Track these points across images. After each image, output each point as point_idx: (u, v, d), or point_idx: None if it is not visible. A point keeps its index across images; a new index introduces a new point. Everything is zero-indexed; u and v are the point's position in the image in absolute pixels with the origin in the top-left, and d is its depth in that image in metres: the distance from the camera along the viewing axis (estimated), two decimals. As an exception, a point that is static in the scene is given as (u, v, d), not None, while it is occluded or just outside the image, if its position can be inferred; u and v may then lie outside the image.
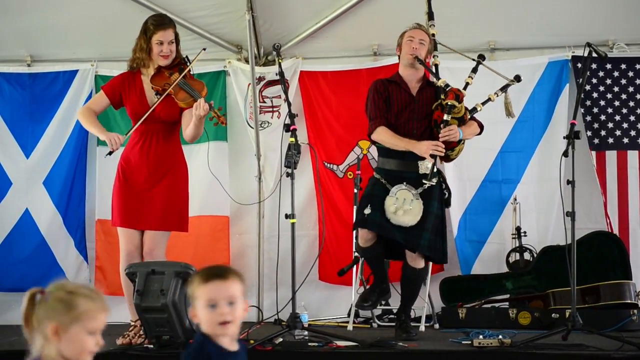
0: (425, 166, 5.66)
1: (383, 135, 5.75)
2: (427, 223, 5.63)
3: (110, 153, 5.63)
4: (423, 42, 5.85)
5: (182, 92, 5.59)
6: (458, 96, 5.65)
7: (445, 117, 5.62)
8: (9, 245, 7.40)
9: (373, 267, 5.98)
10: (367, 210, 5.66)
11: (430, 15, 6.37)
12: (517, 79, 5.85)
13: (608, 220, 6.94)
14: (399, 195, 5.61)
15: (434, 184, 5.63)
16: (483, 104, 5.85)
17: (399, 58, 5.95)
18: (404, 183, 5.65)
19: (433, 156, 5.59)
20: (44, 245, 7.40)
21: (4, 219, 7.44)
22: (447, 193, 5.82)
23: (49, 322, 2.51)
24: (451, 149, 5.74)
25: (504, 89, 5.85)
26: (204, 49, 6.02)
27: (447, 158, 5.88)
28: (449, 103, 5.61)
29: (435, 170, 5.63)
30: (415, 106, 5.81)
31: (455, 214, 7.06)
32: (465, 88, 6.11)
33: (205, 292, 2.77)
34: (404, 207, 5.59)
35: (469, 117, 5.84)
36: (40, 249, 7.39)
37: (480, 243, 7.17)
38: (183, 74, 5.66)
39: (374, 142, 5.91)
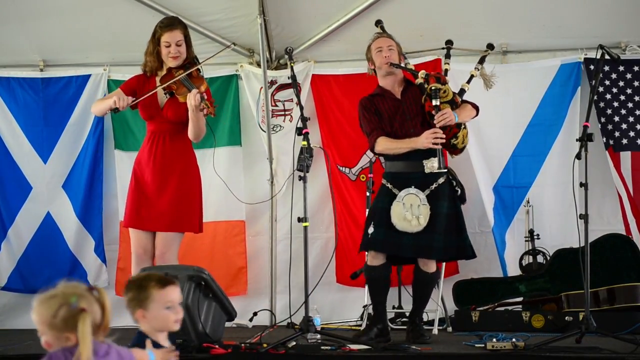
0: (430, 165, 5.64)
1: (384, 144, 5.73)
2: (437, 225, 5.60)
3: (115, 110, 5.67)
4: (391, 47, 5.86)
5: (183, 87, 5.61)
6: (439, 78, 5.67)
7: (434, 102, 5.61)
8: (33, 249, 7.46)
9: (375, 293, 5.79)
10: (371, 229, 5.66)
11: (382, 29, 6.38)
12: (490, 47, 5.83)
13: (633, 220, 6.93)
14: (405, 200, 5.59)
15: (444, 170, 5.62)
16: (468, 82, 5.96)
17: (375, 72, 5.95)
18: (412, 187, 5.62)
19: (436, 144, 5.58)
20: (66, 249, 7.45)
21: (27, 223, 7.50)
22: (459, 190, 5.80)
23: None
24: (454, 136, 5.72)
25: (481, 61, 5.84)
26: (233, 44, 6.05)
27: (454, 148, 5.86)
28: (432, 88, 5.62)
29: (442, 159, 5.62)
30: (404, 107, 5.79)
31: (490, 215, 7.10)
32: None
33: (164, 295, 3.26)
34: (411, 212, 5.57)
35: (460, 100, 5.85)
36: (62, 252, 7.45)
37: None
38: (188, 71, 5.67)
39: (379, 155, 5.90)
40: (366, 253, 5.85)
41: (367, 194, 6.94)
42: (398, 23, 7.00)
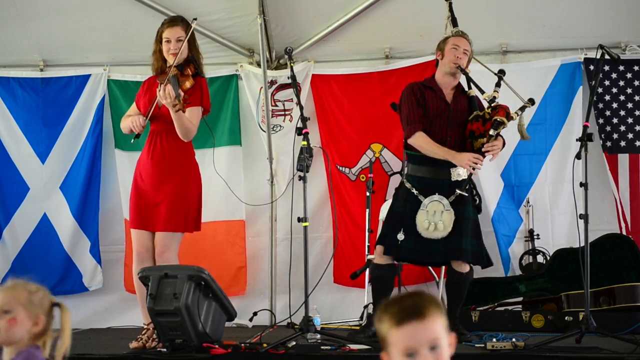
0: (457, 173, 5.64)
1: (421, 141, 5.66)
2: (465, 228, 5.58)
3: (137, 136, 5.68)
4: (467, 52, 5.80)
5: (169, 84, 5.57)
6: (508, 114, 5.61)
7: (492, 132, 5.56)
8: (29, 250, 7.46)
9: (379, 292, 5.72)
10: (401, 236, 5.62)
11: (454, 22, 6.32)
12: (532, 102, 5.78)
13: (624, 224, 6.92)
14: (429, 208, 5.57)
15: (466, 195, 5.61)
16: (508, 120, 5.81)
17: (437, 63, 5.88)
18: (436, 194, 5.60)
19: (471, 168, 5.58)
20: (62, 250, 7.43)
21: (23, 224, 7.49)
22: (477, 199, 5.78)
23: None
24: (481, 136, 5.71)
25: (522, 109, 5.76)
26: (195, 19, 5.89)
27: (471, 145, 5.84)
28: (498, 119, 5.55)
29: (470, 182, 5.62)
30: (451, 114, 5.73)
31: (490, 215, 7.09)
32: (492, 101, 6.03)
33: (400, 339, 2.21)
34: (434, 219, 5.56)
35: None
36: (57, 253, 7.44)
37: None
38: (174, 61, 5.63)
39: (406, 148, 5.81)
40: (366, 253, 5.83)
41: (367, 194, 6.94)
42: (398, 23, 7.01)
